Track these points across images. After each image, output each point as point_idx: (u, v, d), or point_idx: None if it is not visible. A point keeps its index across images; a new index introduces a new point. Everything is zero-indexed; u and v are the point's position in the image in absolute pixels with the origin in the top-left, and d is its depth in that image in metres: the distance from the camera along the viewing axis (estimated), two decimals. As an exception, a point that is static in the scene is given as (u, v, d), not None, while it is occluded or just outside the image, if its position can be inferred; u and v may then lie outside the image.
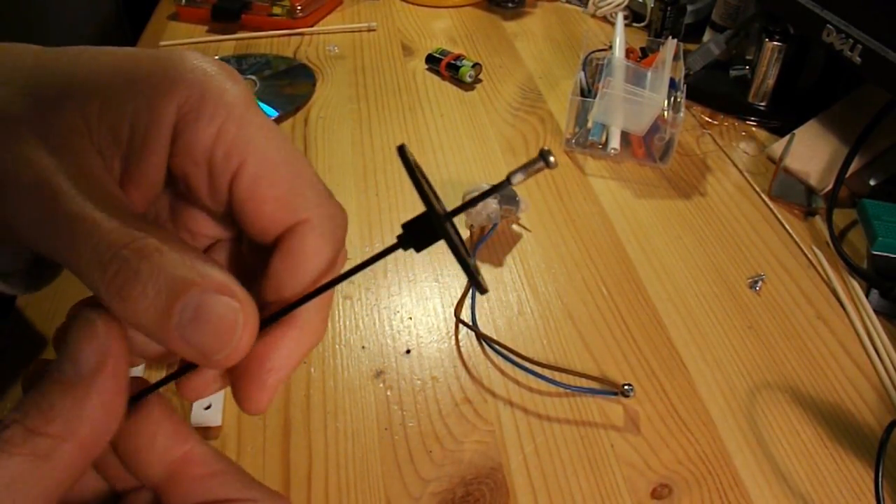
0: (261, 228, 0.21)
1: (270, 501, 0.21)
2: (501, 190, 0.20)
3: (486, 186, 0.56)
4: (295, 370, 0.21)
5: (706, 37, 0.85)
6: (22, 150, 0.19)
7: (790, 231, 0.62)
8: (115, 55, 0.21)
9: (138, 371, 0.48)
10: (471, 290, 0.54)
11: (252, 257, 0.24)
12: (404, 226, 0.21)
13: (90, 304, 0.20)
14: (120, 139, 0.20)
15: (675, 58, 0.72)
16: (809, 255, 0.59)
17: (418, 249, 0.21)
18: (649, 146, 0.69)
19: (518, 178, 0.19)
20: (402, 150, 0.20)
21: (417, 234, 0.20)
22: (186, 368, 0.21)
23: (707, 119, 0.77)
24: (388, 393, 0.48)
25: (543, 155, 0.19)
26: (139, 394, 0.21)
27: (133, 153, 0.20)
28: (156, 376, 0.26)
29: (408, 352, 0.50)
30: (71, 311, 0.21)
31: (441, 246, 0.20)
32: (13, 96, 0.20)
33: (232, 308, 0.18)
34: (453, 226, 0.21)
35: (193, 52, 0.21)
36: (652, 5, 0.89)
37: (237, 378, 0.21)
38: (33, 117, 0.19)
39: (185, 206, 0.23)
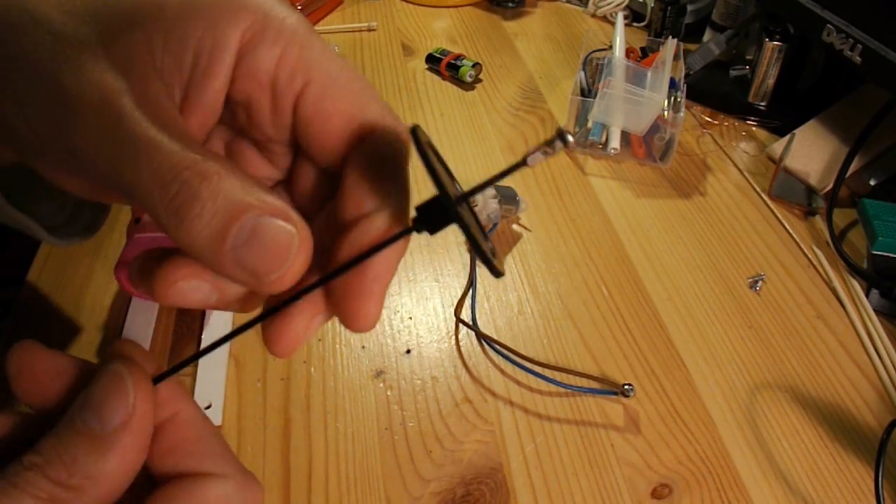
0: (328, 146, 0.22)
1: (241, 478, 0.21)
2: (516, 170, 0.20)
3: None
4: (392, 278, 0.21)
5: (706, 36, 0.85)
6: (89, 72, 0.19)
7: (790, 231, 0.62)
8: None
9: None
10: (471, 290, 0.54)
11: (305, 199, 0.24)
12: (417, 208, 0.20)
13: (114, 355, 0.20)
14: (183, 66, 0.20)
15: (676, 57, 0.72)
16: (809, 255, 0.59)
17: (432, 232, 0.20)
18: (649, 146, 0.69)
19: (536, 158, 0.19)
20: (414, 131, 0.20)
21: (431, 217, 0.20)
22: (270, 312, 0.21)
23: (707, 119, 0.77)
24: (389, 393, 0.48)
25: (561, 134, 0.19)
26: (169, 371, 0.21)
27: (195, 80, 0.21)
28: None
29: (408, 352, 0.50)
30: (103, 362, 0.21)
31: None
32: (79, 22, 0.20)
33: (287, 230, 0.18)
34: (469, 208, 0.20)
35: None
36: (652, 5, 0.89)
37: (342, 297, 0.21)
38: (100, 41, 0.20)
39: (241, 146, 0.24)
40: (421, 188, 0.20)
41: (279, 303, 0.21)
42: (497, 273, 0.20)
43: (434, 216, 0.20)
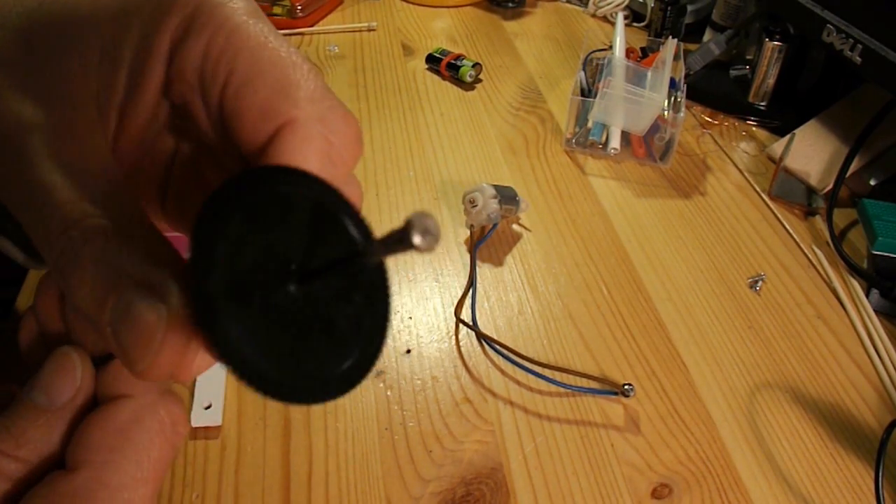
0: (247, 144, 0.19)
1: (150, 398, 0.20)
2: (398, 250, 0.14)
3: (486, 186, 0.56)
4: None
5: (706, 37, 0.85)
6: (9, 104, 0.18)
7: (790, 231, 0.62)
8: None
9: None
10: (471, 290, 0.54)
11: None
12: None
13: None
14: (119, 81, 0.19)
15: (676, 57, 0.72)
16: (809, 255, 0.59)
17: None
18: (649, 146, 0.69)
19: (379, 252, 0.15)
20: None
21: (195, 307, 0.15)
22: None
23: (707, 119, 0.77)
24: (389, 393, 0.48)
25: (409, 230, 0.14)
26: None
27: (130, 93, 0.19)
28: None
29: (408, 352, 0.50)
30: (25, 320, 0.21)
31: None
32: (6, 40, 0.19)
33: (154, 311, 0.16)
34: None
35: None
36: (652, 5, 0.89)
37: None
38: (24, 63, 0.18)
39: (199, 151, 0.22)
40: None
41: None
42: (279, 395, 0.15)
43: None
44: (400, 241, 0.14)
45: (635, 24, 0.95)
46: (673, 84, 0.70)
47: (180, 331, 0.16)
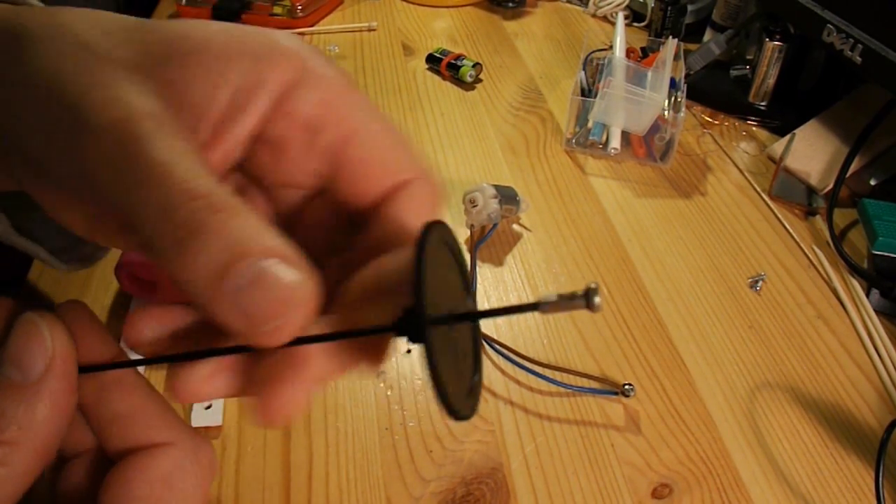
0: (363, 190, 0.22)
1: (190, 442, 0.21)
2: (526, 311, 0.17)
3: (486, 186, 0.56)
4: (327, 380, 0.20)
5: (706, 36, 0.85)
6: (114, 90, 0.19)
7: (791, 231, 0.62)
8: (224, 26, 0.21)
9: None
10: (471, 289, 0.54)
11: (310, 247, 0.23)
12: (405, 310, 0.18)
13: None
14: (218, 102, 0.20)
15: (676, 57, 0.72)
16: (810, 255, 0.59)
17: (412, 341, 0.18)
18: (650, 146, 0.69)
19: (548, 308, 0.17)
20: (427, 231, 0.18)
21: (409, 327, 0.18)
22: (188, 356, 0.19)
23: (707, 119, 0.77)
24: (389, 393, 0.48)
25: (588, 295, 0.17)
26: (95, 367, 0.21)
27: (229, 115, 0.21)
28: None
29: (408, 351, 0.50)
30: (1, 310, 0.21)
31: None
32: (117, 43, 0.20)
33: (296, 279, 0.17)
34: (473, 330, 0.18)
35: (292, 34, 0.22)
36: (652, 5, 0.89)
37: (266, 378, 0.19)
38: (137, 65, 0.20)
39: (250, 193, 0.23)
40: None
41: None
42: (456, 415, 0.17)
43: (410, 328, 0.18)
44: (574, 300, 0.17)
45: (635, 24, 0.95)
46: (673, 84, 0.70)
47: (314, 299, 0.17)
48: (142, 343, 0.20)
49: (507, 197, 0.58)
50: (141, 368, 0.22)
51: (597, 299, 0.16)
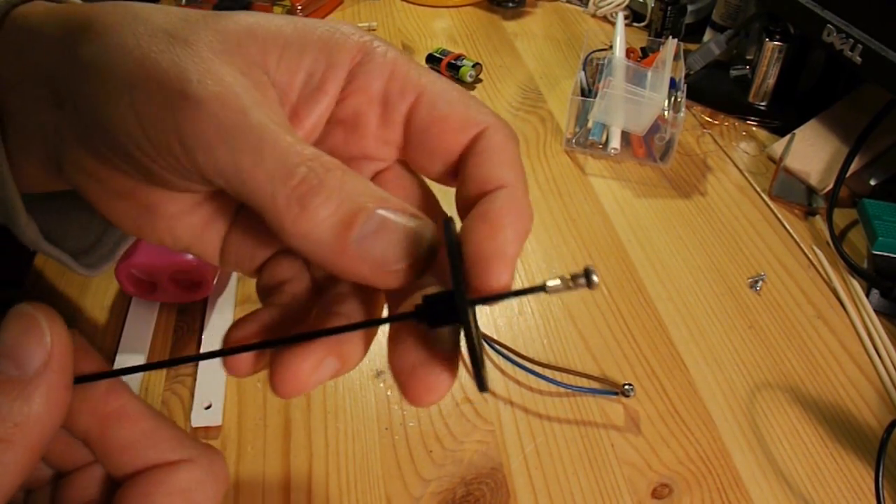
0: (446, 147, 0.23)
1: (206, 458, 0.21)
2: (534, 293, 0.19)
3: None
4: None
5: (706, 36, 0.85)
6: (211, 67, 0.19)
7: (790, 231, 0.62)
8: (289, 18, 0.22)
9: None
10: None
11: None
12: (426, 297, 0.19)
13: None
14: (294, 84, 0.22)
15: (676, 57, 0.72)
16: (810, 255, 0.59)
17: (432, 326, 0.19)
18: (650, 146, 0.69)
19: (556, 289, 0.19)
20: (447, 223, 0.19)
21: (437, 311, 0.19)
22: (276, 342, 0.20)
23: (707, 119, 0.77)
24: (389, 393, 0.48)
25: (587, 273, 0.18)
26: (92, 376, 0.20)
27: (305, 97, 0.22)
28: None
29: (408, 352, 0.50)
30: None
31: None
32: (196, 29, 0.20)
33: (419, 223, 0.18)
34: (474, 313, 0.19)
35: (349, 24, 0.23)
36: (652, 5, 0.89)
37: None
38: (220, 46, 0.20)
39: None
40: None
41: (288, 337, 0.19)
42: (485, 387, 0.19)
43: (440, 311, 0.19)
44: (576, 280, 0.18)
45: (635, 24, 0.95)
46: (673, 84, 0.70)
47: (438, 242, 0.19)
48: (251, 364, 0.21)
49: (507, 197, 0.58)
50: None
51: (594, 277, 0.18)
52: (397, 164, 0.25)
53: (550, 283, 0.19)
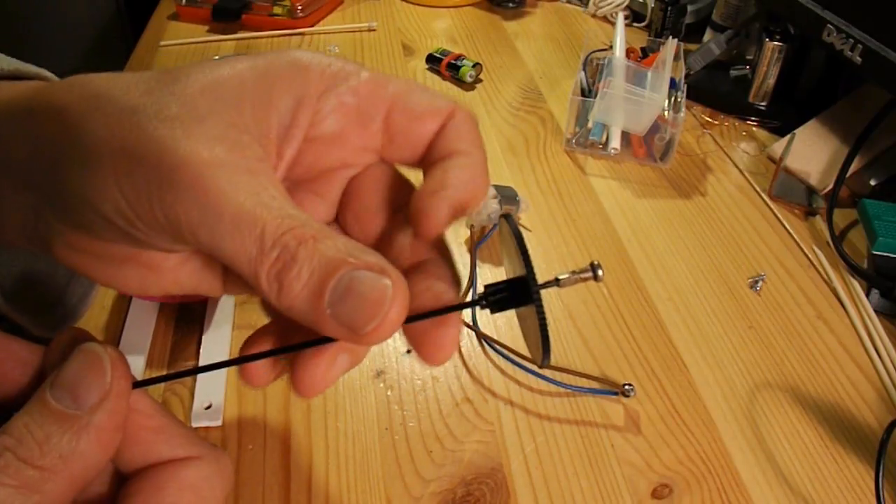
0: (419, 138, 0.24)
1: (213, 458, 0.22)
2: (548, 287, 0.21)
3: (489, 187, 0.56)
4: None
5: (707, 37, 0.85)
6: (183, 148, 0.19)
7: (790, 231, 0.62)
8: (243, 60, 0.23)
9: (139, 369, 0.49)
10: (471, 290, 0.54)
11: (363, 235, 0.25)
12: (490, 285, 0.22)
13: (88, 337, 0.20)
14: (269, 128, 0.22)
15: (676, 58, 0.72)
16: (810, 255, 0.59)
17: (496, 310, 0.22)
18: (650, 146, 0.69)
19: (568, 281, 0.21)
20: (508, 217, 0.22)
21: (506, 295, 0.22)
22: (287, 349, 0.22)
23: (707, 119, 0.77)
24: (389, 393, 0.48)
25: (593, 268, 0.21)
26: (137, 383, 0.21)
27: (280, 138, 0.23)
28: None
29: (408, 351, 0.50)
30: (64, 336, 0.21)
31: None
32: (159, 99, 0.20)
33: (381, 283, 0.19)
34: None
35: (308, 51, 0.24)
36: (652, 5, 0.89)
37: (421, 332, 0.22)
38: (191, 116, 0.20)
39: (297, 195, 0.25)
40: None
41: (300, 343, 0.21)
42: (548, 363, 0.21)
43: (510, 295, 0.22)
44: (583, 273, 0.21)
45: (635, 24, 0.95)
46: (673, 84, 0.70)
47: (404, 294, 0.19)
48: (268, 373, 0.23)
49: (507, 197, 0.58)
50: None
51: (600, 272, 0.21)
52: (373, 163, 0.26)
53: (562, 277, 0.21)
